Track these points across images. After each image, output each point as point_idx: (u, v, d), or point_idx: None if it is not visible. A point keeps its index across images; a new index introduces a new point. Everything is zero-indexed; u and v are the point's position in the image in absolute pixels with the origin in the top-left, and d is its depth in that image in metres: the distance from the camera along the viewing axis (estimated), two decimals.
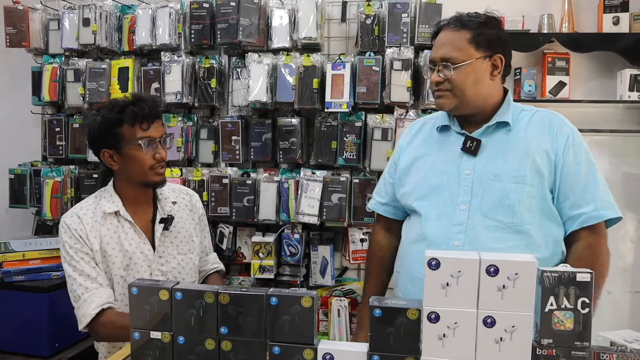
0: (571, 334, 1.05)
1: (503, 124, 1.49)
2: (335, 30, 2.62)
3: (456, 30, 1.45)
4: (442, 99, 1.48)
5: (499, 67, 1.46)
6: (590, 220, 1.43)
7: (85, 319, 1.51)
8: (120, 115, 1.55)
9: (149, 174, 1.58)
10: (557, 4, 2.47)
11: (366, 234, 2.52)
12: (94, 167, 2.65)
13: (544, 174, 1.44)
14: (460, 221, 1.47)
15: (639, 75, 2.35)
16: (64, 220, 1.59)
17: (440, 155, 1.55)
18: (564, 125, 1.48)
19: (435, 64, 1.48)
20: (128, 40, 2.58)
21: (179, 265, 1.68)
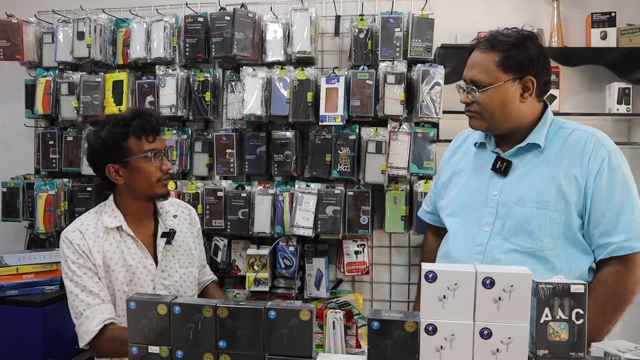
0: (566, 345, 1.06)
1: (535, 145, 1.47)
2: (328, 44, 2.65)
3: (486, 51, 1.44)
4: (472, 120, 1.50)
5: (530, 88, 1.44)
6: (619, 250, 1.39)
7: (87, 336, 1.50)
8: (126, 128, 1.55)
9: (156, 186, 1.60)
10: (546, 19, 2.52)
11: (360, 246, 2.53)
12: (87, 180, 2.64)
13: (570, 200, 1.41)
14: (481, 242, 1.48)
15: (627, 88, 2.40)
16: (66, 236, 1.57)
17: (475, 173, 1.56)
18: (601, 147, 1.42)
19: (467, 84, 1.48)
20: (122, 54, 2.59)
21: (180, 278, 1.69)
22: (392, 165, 2.40)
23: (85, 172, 2.58)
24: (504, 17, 2.53)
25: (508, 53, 1.42)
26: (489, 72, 1.43)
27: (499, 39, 1.44)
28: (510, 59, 1.42)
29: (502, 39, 1.44)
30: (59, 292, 2.10)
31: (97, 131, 1.60)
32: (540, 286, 1.07)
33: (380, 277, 2.66)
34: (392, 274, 2.65)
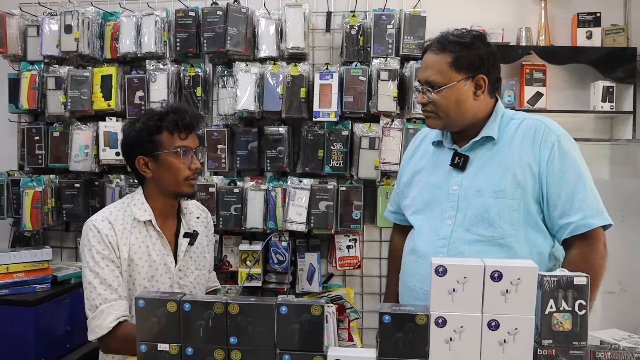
0: (569, 335, 1.10)
1: (489, 138, 1.51)
2: (319, 40, 2.66)
3: (438, 53, 1.48)
4: (429, 119, 1.54)
5: (482, 86, 1.49)
6: (578, 229, 1.43)
7: (100, 331, 1.47)
8: (160, 122, 1.55)
9: (182, 184, 1.59)
10: (534, 17, 2.58)
11: (352, 241, 2.56)
12: (75, 176, 2.60)
13: (526, 187, 1.45)
14: (444, 235, 1.51)
15: (611, 87, 2.48)
16: (94, 224, 1.54)
17: (435, 170, 1.60)
18: (550, 132, 1.47)
19: (422, 85, 1.51)
20: (110, 48, 2.55)
21: (195, 280, 1.68)
22: (384, 160, 2.43)
23: (73, 168, 2.53)
24: (493, 15, 2.59)
25: (459, 53, 1.46)
26: (442, 73, 1.46)
27: (449, 40, 1.48)
28: (462, 59, 1.46)
29: (452, 40, 1.48)
30: (50, 290, 2.07)
31: (133, 123, 1.60)
32: (545, 279, 1.11)
33: (370, 270, 2.69)
34: (383, 268, 2.69)
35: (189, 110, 1.64)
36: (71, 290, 2.19)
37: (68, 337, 2.16)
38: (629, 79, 2.51)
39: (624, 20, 2.60)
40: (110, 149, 2.49)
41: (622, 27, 2.52)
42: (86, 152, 2.50)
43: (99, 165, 2.54)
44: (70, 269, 2.25)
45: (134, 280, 1.57)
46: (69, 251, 2.76)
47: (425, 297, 1.49)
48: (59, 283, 2.14)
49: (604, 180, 2.69)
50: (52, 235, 2.76)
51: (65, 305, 2.14)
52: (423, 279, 1.52)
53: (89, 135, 2.50)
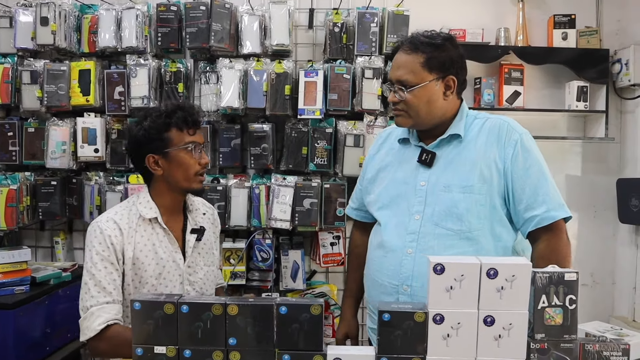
0: (560, 328, 1.15)
1: (455, 136, 1.56)
2: (302, 36, 2.65)
3: (410, 53, 1.51)
4: (399, 118, 1.56)
5: (451, 87, 1.53)
6: (543, 221, 1.49)
7: (89, 333, 1.47)
8: (169, 119, 1.56)
9: (192, 179, 1.60)
10: (512, 18, 2.64)
11: (336, 238, 2.58)
12: (51, 173, 2.52)
13: (492, 183, 1.50)
14: (413, 230, 1.54)
15: (585, 86, 2.57)
16: (98, 225, 1.55)
17: (401, 167, 1.63)
18: (513, 131, 1.53)
19: (393, 84, 1.54)
20: (88, 42, 2.47)
21: (204, 276, 1.68)
22: None
23: (50, 165, 2.45)
24: (473, 15, 2.63)
25: (432, 54, 1.50)
26: (415, 73, 1.50)
27: (421, 41, 1.52)
28: (434, 60, 1.50)
29: (424, 41, 1.52)
30: (29, 292, 2.00)
31: (140, 122, 1.60)
32: (537, 275, 1.15)
33: None
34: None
35: (195, 107, 1.66)
36: (50, 292, 2.13)
37: (47, 340, 2.11)
38: (601, 79, 2.60)
39: (596, 22, 2.69)
40: (88, 145, 2.43)
41: (596, 29, 2.62)
42: (63, 148, 2.43)
43: (76, 162, 2.48)
44: (48, 270, 2.18)
45: (140, 278, 1.56)
46: (44, 250, 2.68)
47: (395, 292, 1.54)
48: (37, 284, 2.08)
49: (577, 176, 2.79)
50: (26, 234, 2.67)
51: (45, 307, 2.09)
52: (392, 274, 1.55)
53: (67, 131, 2.43)
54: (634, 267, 2.65)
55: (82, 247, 2.68)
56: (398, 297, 1.53)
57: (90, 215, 2.47)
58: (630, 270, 2.68)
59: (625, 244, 2.73)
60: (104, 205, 2.45)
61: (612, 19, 2.71)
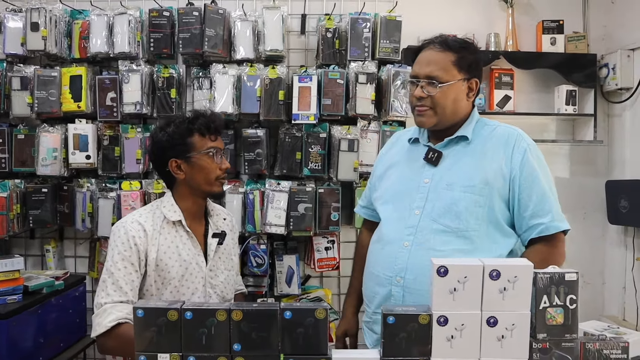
0: (562, 328, 1.17)
1: (463, 137, 1.59)
2: (294, 42, 2.66)
3: (441, 51, 1.54)
4: (423, 116, 1.58)
5: (474, 89, 1.58)
6: (547, 230, 1.52)
7: (99, 329, 1.50)
8: (192, 125, 1.62)
9: (214, 183, 1.65)
10: (501, 24, 2.68)
11: (330, 242, 2.58)
12: (42, 181, 2.48)
13: (494, 186, 1.53)
14: (411, 224, 1.57)
15: (574, 90, 2.62)
16: (123, 225, 1.59)
17: (408, 164, 1.67)
18: (522, 140, 1.57)
19: (419, 80, 1.56)
20: (79, 47, 2.45)
21: (225, 280, 1.71)
22: (362, 162, 2.46)
23: (41, 172, 2.42)
24: (464, 21, 2.67)
25: (461, 54, 1.55)
26: (446, 70, 1.53)
27: (452, 42, 1.57)
28: (464, 60, 1.55)
29: (455, 42, 1.57)
30: (22, 301, 1.97)
31: (163, 128, 1.65)
32: (539, 276, 1.17)
33: (347, 271, 2.67)
34: None
35: (216, 114, 1.73)
36: (43, 301, 2.09)
37: (40, 349, 2.07)
38: (589, 83, 2.65)
39: (583, 28, 2.75)
40: (80, 152, 2.40)
41: (583, 35, 2.67)
42: (54, 155, 2.40)
43: (68, 169, 2.44)
44: (40, 278, 2.14)
45: (163, 279, 1.59)
46: (34, 259, 2.64)
47: (388, 283, 1.56)
48: (30, 293, 2.04)
49: (567, 179, 2.84)
50: (16, 242, 2.62)
51: (38, 317, 2.05)
52: (387, 265, 1.57)
53: (58, 137, 2.40)
54: (623, 267, 2.70)
55: (73, 255, 2.65)
56: (391, 289, 1.55)
57: (82, 222, 2.44)
58: (620, 270, 2.73)
59: (614, 245, 2.78)
60: (96, 212, 2.43)
61: (599, 25, 2.77)
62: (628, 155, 2.69)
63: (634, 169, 2.64)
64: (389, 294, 1.55)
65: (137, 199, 2.41)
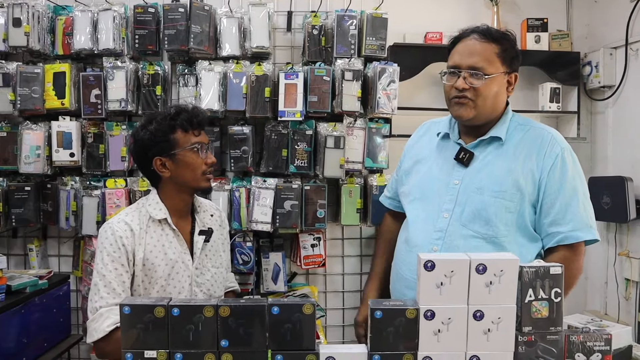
0: (547, 321, 1.18)
1: (496, 138, 1.55)
2: (280, 39, 2.65)
3: (485, 41, 1.50)
4: (462, 108, 1.52)
5: (512, 84, 1.55)
6: (566, 239, 1.49)
7: (96, 334, 1.47)
8: (174, 121, 1.58)
9: (200, 179, 1.63)
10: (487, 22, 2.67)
11: (317, 240, 2.58)
12: (25, 179, 2.44)
13: (525, 192, 1.50)
14: (440, 228, 1.55)
15: (558, 88, 2.65)
16: (110, 226, 1.56)
17: (437, 162, 1.63)
18: (555, 144, 1.53)
19: (460, 70, 1.50)
20: (62, 44, 2.41)
21: (212, 277, 1.69)
22: (348, 159, 2.46)
23: (24, 170, 2.38)
24: (450, 18, 2.68)
25: (505, 46, 1.51)
26: (491, 61, 1.49)
27: (495, 33, 1.52)
28: (507, 53, 1.52)
29: (497, 32, 1.53)
30: (4, 301, 1.94)
31: (145, 125, 1.61)
32: (524, 270, 1.18)
33: (333, 268, 2.72)
34: (346, 266, 2.73)
35: (198, 108, 1.68)
36: (26, 300, 2.06)
37: (24, 350, 2.04)
38: (573, 81, 2.69)
39: (567, 26, 2.78)
40: (64, 149, 2.37)
41: (567, 33, 2.70)
42: (38, 153, 2.36)
43: (51, 167, 2.41)
44: (24, 278, 2.11)
45: (150, 279, 1.57)
46: (16, 258, 2.60)
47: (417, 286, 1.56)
48: (13, 293, 2.01)
49: None
50: None
51: (21, 316, 2.02)
52: (415, 269, 1.55)
53: (41, 135, 2.36)
54: (605, 262, 2.74)
55: (56, 254, 2.61)
56: None
57: (66, 221, 2.41)
58: (602, 265, 2.77)
59: None
60: (81, 210, 2.39)
61: (582, 23, 2.80)
62: (610, 152, 2.73)
63: (616, 166, 2.68)
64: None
65: (122, 197, 2.39)
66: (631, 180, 2.50)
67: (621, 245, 2.64)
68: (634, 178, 2.51)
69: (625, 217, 2.48)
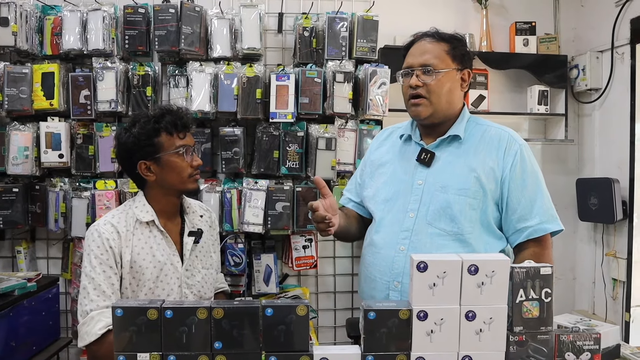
0: (537, 321, 1.20)
1: (456, 137, 1.59)
2: (271, 40, 2.65)
3: (435, 41, 1.57)
4: (419, 107, 1.57)
5: (466, 80, 1.60)
6: (535, 233, 1.53)
7: (88, 338, 1.45)
8: (158, 125, 1.55)
9: (187, 181, 1.60)
10: (476, 25, 2.73)
11: (308, 241, 2.58)
12: (13, 180, 2.41)
13: (487, 189, 1.53)
14: (407, 227, 1.57)
15: (546, 91, 2.69)
16: (96, 229, 1.54)
17: (400, 164, 1.66)
18: (514, 142, 1.57)
19: (413, 70, 1.56)
20: (51, 44, 2.39)
21: (202, 279, 1.67)
22: (339, 161, 2.47)
23: (11, 172, 2.35)
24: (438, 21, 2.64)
25: (454, 45, 1.58)
26: (441, 58, 1.56)
27: (443, 33, 1.60)
28: (457, 50, 1.58)
29: (445, 33, 1.60)
30: None
31: (128, 129, 1.58)
32: (515, 270, 1.19)
33: (324, 270, 2.73)
34: (337, 267, 2.74)
35: (183, 109, 1.65)
36: (15, 303, 2.03)
37: (12, 353, 2.01)
38: (561, 84, 2.72)
39: (554, 29, 2.82)
40: (52, 150, 2.35)
41: (554, 36, 2.74)
42: (26, 154, 2.34)
43: (40, 168, 2.39)
44: (12, 280, 2.08)
45: (138, 282, 1.55)
46: (4, 261, 2.57)
47: (386, 287, 1.56)
48: (1, 296, 1.98)
49: None
50: None
51: (9, 319, 1.99)
52: (384, 269, 1.57)
53: (29, 136, 2.34)
54: (593, 262, 2.78)
55: (45, 257, 2.58)
56: (389, 293, 1.55)
57: (55, 222, 2.39)
58: (590, 266, 2.81)
59: (584, 241, 2.86)
60: (70, 212, 2.37)
61: (569, 27, 2.84)
62: (597, 153, 2.77)
63: (603, 167, 2.72)
64: (387, 298, 1.55)
65: (112, 198, 2.37)
66: (618, 182, 2.54)
67: (608, 245, 2.68)
68: (620, 179, 2.55)
69: (612, 218, 2.52)
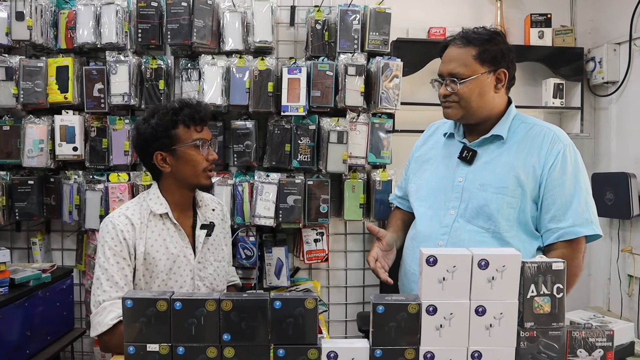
0: (549, 316, 1.18)
1: (498, 136, 1.59)
2: (283, 34, 2.65)
3: (462, 46, 1.56)
4: (449, 109, 1.59)
5: (502, 80, 1.58)
6: (566, 235, 1.51)
7: (100, 328, 1.47)
8: (176, 116, 1.57)
9: (201, 175, 1.61)
10: (490, 17, 2.69)
11: (320, 234, 2.58)
12: (28, 172, 2.45)
13: (526, 188, 1.53)
14: (446, 224, 1.59)
15: (561, 84, 2.64)
16: (111, 220, 1.56)
17: (443, 161, 1.68)
18: (558, 141, 1.55)
19: (444, 78, 1.58)
20: (65, 38, 2.41)
21: (214, 272, 1.69)
22: (351, 154, 2.46)
23: (27, 164, 2.38)
24: (453, 14, 2.68)
25: (483, 47, 1.55)
26: (467, 65, 1.54)
27: (472, 36, 1.57)
28: (486, 53, 1.55)
29: (475, 36, 1.57)
30: (8, 294, 1.95)
31: (147, 119, 1.60)
32: (526, 265, 1.18)
33: (336, 264, 2.73)
34: (348, 261, 2.73)
35: (202, 103, 1.67)
36: (30, 294, 2.07)
37: (28, 343, 2.05)
38: (576, 77, 2.68)
39: (570, 22, 2.77)
40: (67, 143, 2.37)
41: (570, 29, 2.69)
42: (41, 147, 2.36)
43: (54, 161, 2.41)
44: (27, 271, 2.12)
45: (151, 273, 1.57)
46: (20, 252, 2.61)
47: None
48: (16, 286, 2.02)
49: None
50: (1, 235, 2.58)
51: (24, 309, 2.03)
52: None
53: (44, 129, 2.36)
54: (608, 258, 2.74)
55: (60, 248, 2.62)
56: None
57: (69, 214, 2.42)
58: (605, 262, 2.77)
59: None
60: (84, 204, 2.40)
61: (586, 19, 2.79)
62: (614, 148, 2.72)
63: (619, 162, 2.68)
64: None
65: (125, 191, 2.39)
66: (634, 177, 2.49)
67: (624, 241, 2.64)
68: (637, 174, 2.51)
69: (628, 213, 2.47)
